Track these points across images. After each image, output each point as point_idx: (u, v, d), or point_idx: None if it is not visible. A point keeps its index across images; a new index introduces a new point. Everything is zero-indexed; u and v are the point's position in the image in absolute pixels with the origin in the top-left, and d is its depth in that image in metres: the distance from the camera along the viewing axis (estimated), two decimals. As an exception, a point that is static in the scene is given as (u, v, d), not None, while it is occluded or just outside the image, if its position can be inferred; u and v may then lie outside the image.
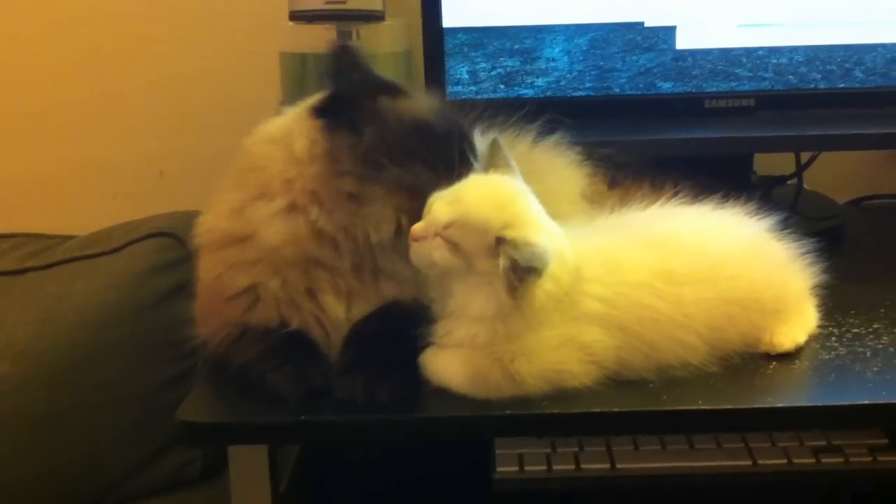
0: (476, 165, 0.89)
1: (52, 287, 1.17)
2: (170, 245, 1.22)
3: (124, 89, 1.54)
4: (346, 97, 0.88)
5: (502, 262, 0.78)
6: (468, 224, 0.80)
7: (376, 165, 0.85)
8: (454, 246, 0.80)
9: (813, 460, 0.96)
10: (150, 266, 1.19)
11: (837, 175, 1.47)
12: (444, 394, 0.83)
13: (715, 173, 1.04)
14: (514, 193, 0.84)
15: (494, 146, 0.88)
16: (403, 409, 0.81)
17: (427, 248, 0.81)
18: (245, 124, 0.94)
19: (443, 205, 0.82)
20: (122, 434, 1.15)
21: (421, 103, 0.91)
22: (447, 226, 0.80)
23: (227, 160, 0.92)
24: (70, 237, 1.28)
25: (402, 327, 0.85)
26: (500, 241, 0.79)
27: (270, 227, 0.86)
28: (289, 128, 0.90)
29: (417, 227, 0.82)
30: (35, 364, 1.11)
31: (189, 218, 1.24)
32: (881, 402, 0.82)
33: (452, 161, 0.87)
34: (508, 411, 0.81)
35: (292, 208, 0.86)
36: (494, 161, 0.87)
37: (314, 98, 0.91)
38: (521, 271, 0.78)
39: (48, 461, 1.11)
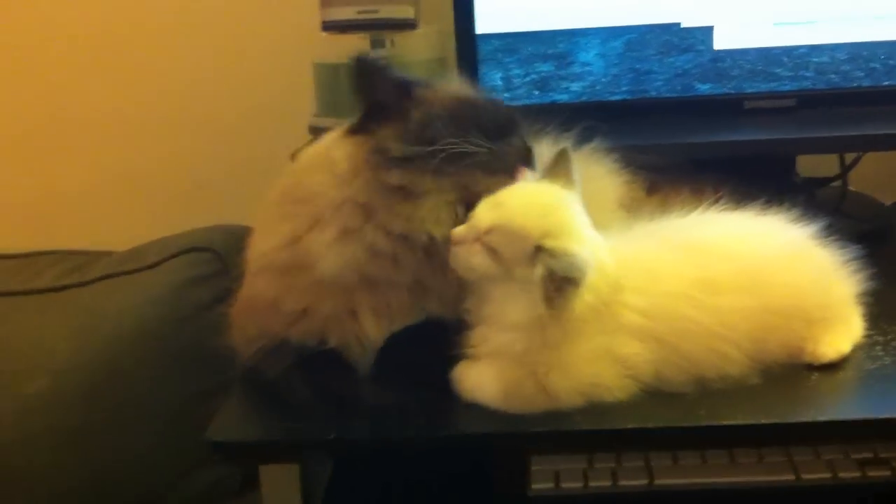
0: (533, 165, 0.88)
1: (90, 303, 1.18)
2: (206, 259, 1.22)
3: (161, 103, 1.56)
4: (382, 103, 0.87)
5: (539, 271, 0.77)
6: (508, 230, 0.80)
7: (428, 141, 0.84)
8: (493, 252, 0.80)
9: (859, 473, 0.93)
10: (187, 281, 1.20)
11: (883, 175, 1.43)
12: (477, 408, 0.82)
13: (756, 176, 1.02)
14: (557, 202, 0.83)
15: (562, 155, 0.87)
16: (435, 424, 0.80)
17: (467, 253, 0.81)
18: (280, 135, 0.94)
19: (485, 209, 0.81)
20: (158, 447, 1.15)
21: (459, 85, 0.93)
22: (487, 231, 0.80)
23: (263, 171, 0.91)
24: (108, 253, 1.28)
25: (436, 341, 0.84)
26: (538, 249, 0.78)
27: (328, 258, 0.85)
28: (328, 152, 0.89)
29: (458, 231, 0.81)
30: (73, 379, 1.12)
31: (225, 231, 1.25)
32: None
33: (505, 127, 0.87)
34: (541, 428, 0.79)
35: (346, 233, 0.85)
36: (556, 170, 0.86)
37: (349, 121, 0.90)
38: (559, 281, 0.76)
39: (85, 475, 1.11)
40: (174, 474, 1.17)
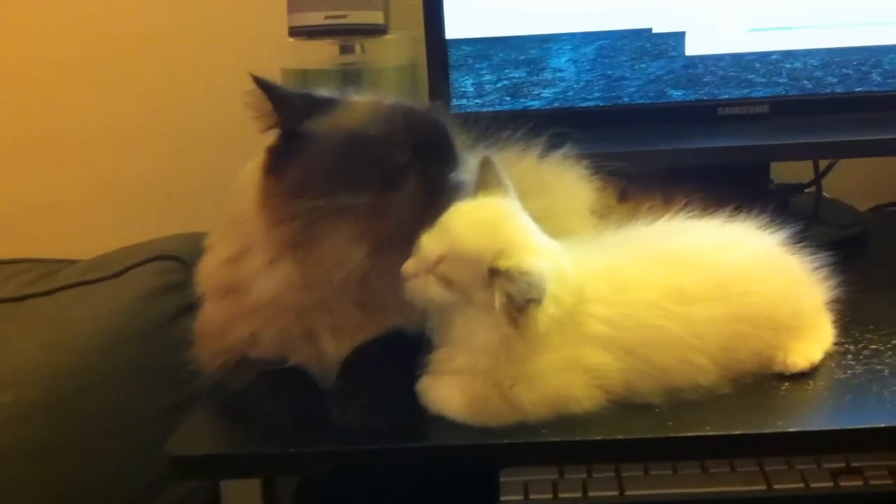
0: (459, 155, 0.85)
1: (54, 313, 1.15)
2: (172, 268, 1.20)
3: (127, 111, 1.54)
4: (289, 131, 0.84)
5: (498, 298, 0.75)
6: (459, 257, 0.77)
7: (308, 198, 0.80)
8: (448, 281, 0.77)
9: (831, 483, 0.92)
10: (152, 290, 1.18)
11: (858, 182, 1.43)
12: (444, 422, 0.80)
13: (730, 183, 1.02)
14: (503, 217, 0.80)
15: (486, 164, 0.84)
16: (399, 438, 0.79)
17: (422, 286, 0.78)
18: (250, 143, 0.92)
19: (431, 239, 0.78)
20: (127, 461, 1.13)
21: (355, 114, 0.85)
22: (438, 261, 0.77)
23: (233, 180, 0.90)
24: (74, 262, 1.26)
25: (400, 355, 0.83)
26: (493, 272, 0.76)
27: (259, 283, 0.84)
28: (255, 176, 0.86)
29: (408, 266, 0.78)
30: (38, 392, 1.09)
31: (191, 240, 1.23)
32: (898, 424, 0.78)
33: (394, 165, 0.81)
34: (507, 440, 0.78)
35: (273, 262, 0.84)
36: (486, 180, 0.83)
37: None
38: (520, 304, 0.75)
39: (52, 490, 1.08)
40: (143, 488, 1.14)
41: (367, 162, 0.81)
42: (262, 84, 0.83)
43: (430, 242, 0.78)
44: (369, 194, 0.80)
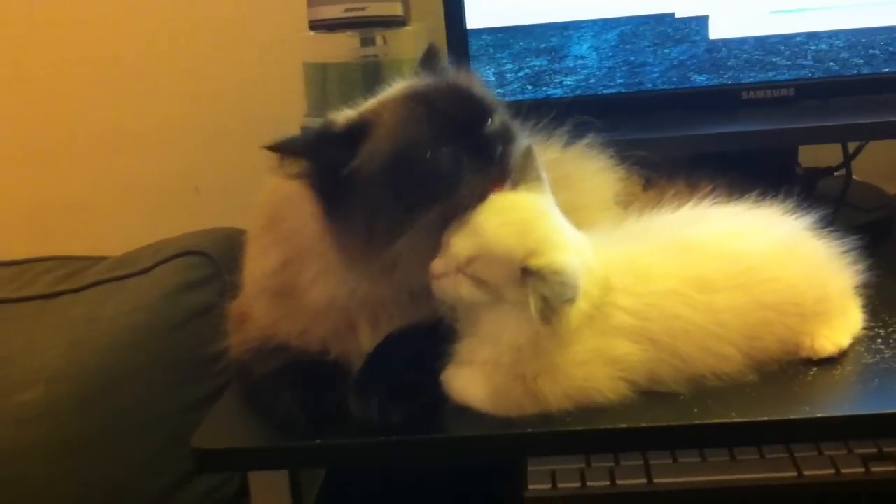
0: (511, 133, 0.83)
1: (83, 310, 1.17)
2: (199, 263, 1.21)
3: (154, 107, 1.55)
4: (323, 180, 0.81)
5: (533, 302, 0.74)
6: (490, 258, 0.76)
7: (386, 234, 0.79)
8: (480, 281, 0.77)
9: (862, 469, 0.91)
10: (179, 286, 1.19)
11: (887, 164, 1.40)
12: (466, 413, 0.80)
13: (757, 167, 1.01)
14: (533, 214, 0.79)
15: (527, 155, 0.83)
16: (418, 430, 0.79)
17: (452, 285, 0.78)
18: (274, 137, 0.92)
19: (462, 238, 0.78)
20: (153, 456, 1.14)
21: (384, 133, 0.81)
22: (469, 261, 0.77)
23: (259, 173, 0.90)
24: (103, 259, 1.28)
25: (422, 347, 0.83)
26: (526, 271, 0.75)
27: (314, 290, 0.85)
28: (302, 196, 0.83)
29: (437, 265, 0.78)
30: (66, 388, 1.11)
31: (218, 235, 1.25)
32: (927, 408, 0.77)
33: (443, 167, 0.79)
34: (530, 429, 0.78)
35: (327, 273, 0.84)
36: (526, 172, 0.82)
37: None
38: (555, 305, 0.74)
39: (80, 485, 1.11)
40: (171, 482, 1.16)
41: (421, 180, 0.79)
42: (283, 148, 0.80)
43: (461, 242, 0.77)
44: (434, 207, 0.79)
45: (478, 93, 0.85)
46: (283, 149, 0.80)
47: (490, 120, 0.82)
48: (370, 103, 0.85)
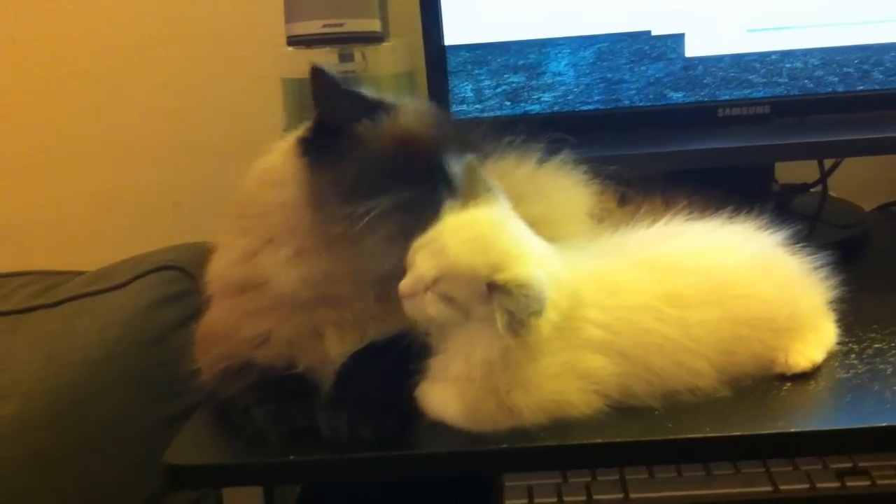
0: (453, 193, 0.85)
1: (58, 325, 1.16)
2: (175, 278, 1.21)
3: (133, 122, 1.55)
4: (328, 126, 0.85)
5: (499, 317, 0.74)
6: (456, 276, 0.76)
7: (362, 198, 0.82)
8: (448, 299, 0.77)
9: (838, 484, 0.91)
10: (155, 300, 1.18)
11: (863, 181, 1.42)
12: (439, 429, 0.80)
13: (734, 184, 1.01)
14: (494, 229, 0.79)
15: (469, 170, 0.83)
16: (392, 446, 0.79)
17: (421, 305, 0.78)
18: (254, 152, 0.93)
19: (426, 257, 0.78)
20: (130, 471, 1.13)
21: (405, 116, 0.88)
22: (436, 281, 0.77)
23: (245, 176, 0.91)
24: (79, 273, 1.27)
25: (394, 362, 0.82)
26: (491, 287, 0.75)
27: (283, 275, 0.84)
28: (282, 167, 0.87)
29: (405, 285, 0.78)
30: (41, 404, 1.10)
31: (195, 249, 1.24)
32: (899, 424, 0.77)
33: (441, 170, 0.84)
34: (505, 445, 0.78)
35: (301, 253, 0.84)
36: (473, 187, 0.82)
37: (301, 129, 0.89)
38: (521, 319, 0.75)
39: (56, 501, 1.09)
40: (148, 498, 1.15)
41: (418, 164, 0.84)
42: (320, 78, 0.85)
43: (426, 261, 0.78)
44: (413, 189, 0.83)
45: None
46: (322, 75, 0.84)
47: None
48: (399, 98, 0.91)
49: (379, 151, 0.84)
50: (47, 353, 1.13)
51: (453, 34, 1.23)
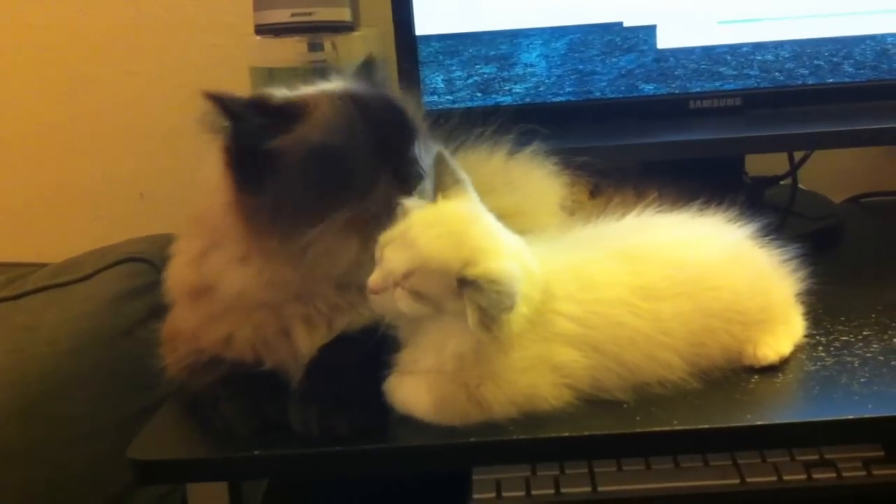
0: (424, 170, 0.84)
1: (23, 317, 1.14)
2: (142, 270, 1.19)
3: (100, 111, 1.52)
4: (241, 150, 0.82)
5: (470, 314, 0.74)
6: (426, 270, 0.75)
7: (293, 217, 0.80)
8: (418, 294, 0.76)
9: (804, 476, 0.92)
10: (122, 292, 1.17)
11: (833, 173, 1.42)
12: (410, 423, 0.80)
13: (704, 176, 1.01)
14: (465, 223, 0.79)
15: (440, 162, 0.82)
16: (360, 441, 0.78)
17: (390, 300, 0.77)
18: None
19: (396, 252, 0.77)
20: (97, 465, 1.11)
21: (319, 117, 0.83)
22: (406, 275, 0.76)
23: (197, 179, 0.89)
24: (44, 265, 1.25)
25: (364, 356, 0.81)
26: (462, 282, 0.74)
27: (227, 277, 0.83)
28: (217, 175, 0.85)
29: (375, 280, 0.77)
30: (6, 397, 1.08)
31: (161, 241, 1.22)
32: (865, 416, 0.78)
33: (365, 171, 0.82)
34: (474, 439, 0.77)
35: (241, 260, 0.83)
36: (443, 179, 0.81)
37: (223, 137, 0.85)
38: (493, 315, 0.74)
39: (22, 495, 1.07)
40: (114, 492, 1.13)
41: (339, 177, 0.81)
42: (218, 99, 0.81)
43: (395, 256, 0.77)
44: (349, 205, 0.80)
45: (409, 115, 0.87)
46: (218, 100, 0.80)
47: (415, 145, 0.85)
48: (310, 90, 0.86)
49: (297, 167, 0.81)
50: (12, 345, 1.11)
51: (424, 24, 1.22)
